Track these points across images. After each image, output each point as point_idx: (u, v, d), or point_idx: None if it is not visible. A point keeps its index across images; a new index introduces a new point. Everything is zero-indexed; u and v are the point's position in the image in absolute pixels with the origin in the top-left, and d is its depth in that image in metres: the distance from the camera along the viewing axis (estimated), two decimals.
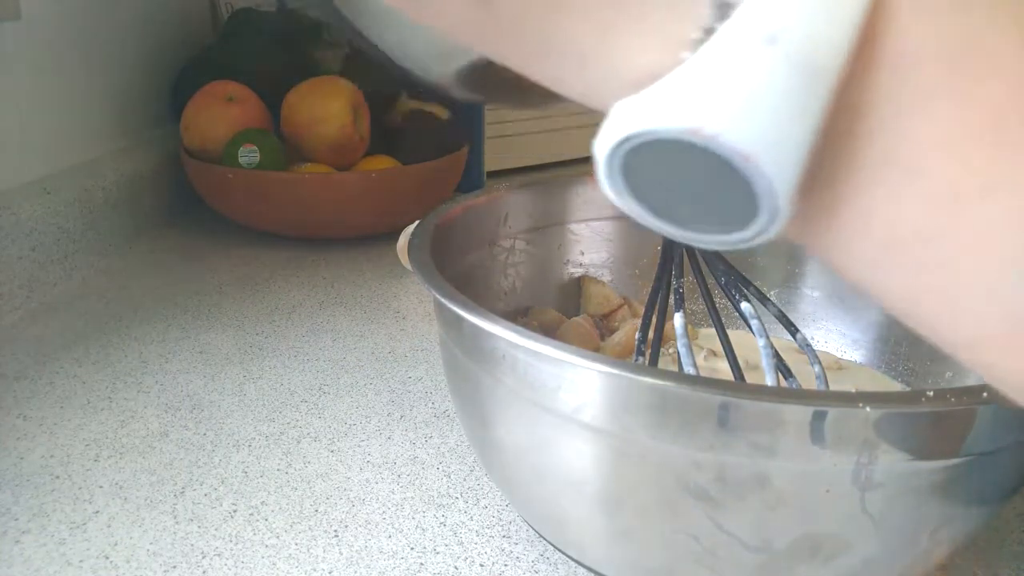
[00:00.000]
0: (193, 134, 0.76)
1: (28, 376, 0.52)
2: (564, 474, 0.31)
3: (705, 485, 0.27)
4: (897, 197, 0.13)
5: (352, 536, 0.38)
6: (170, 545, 0.37)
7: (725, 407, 0.26)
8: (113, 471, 0.42)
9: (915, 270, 0.14)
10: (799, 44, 0.13)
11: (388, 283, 0.68)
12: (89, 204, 0.70)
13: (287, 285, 0.68)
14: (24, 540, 0.37)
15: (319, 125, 0.75)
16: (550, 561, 0.36)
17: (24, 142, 0.66)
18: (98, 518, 0.39)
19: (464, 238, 0.42)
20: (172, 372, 0.53)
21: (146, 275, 0.70)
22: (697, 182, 0.14)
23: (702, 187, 0.14)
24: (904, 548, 0.30)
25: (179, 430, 0.46)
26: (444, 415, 0.48)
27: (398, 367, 0.54)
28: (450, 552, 0.37)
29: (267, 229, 0.78)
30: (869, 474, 0.26)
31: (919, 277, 0.14)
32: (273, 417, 0.48)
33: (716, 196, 0.14)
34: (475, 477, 0.42)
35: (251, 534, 0.38)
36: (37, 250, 0.63)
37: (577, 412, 0.29)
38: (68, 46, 0.71)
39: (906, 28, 0.13)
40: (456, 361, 0.35)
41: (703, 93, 0.13)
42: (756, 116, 0.13)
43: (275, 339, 0.58)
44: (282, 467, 0.43)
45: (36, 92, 0.67)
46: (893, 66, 0.13)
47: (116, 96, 0.80)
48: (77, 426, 0.46)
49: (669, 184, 0.14)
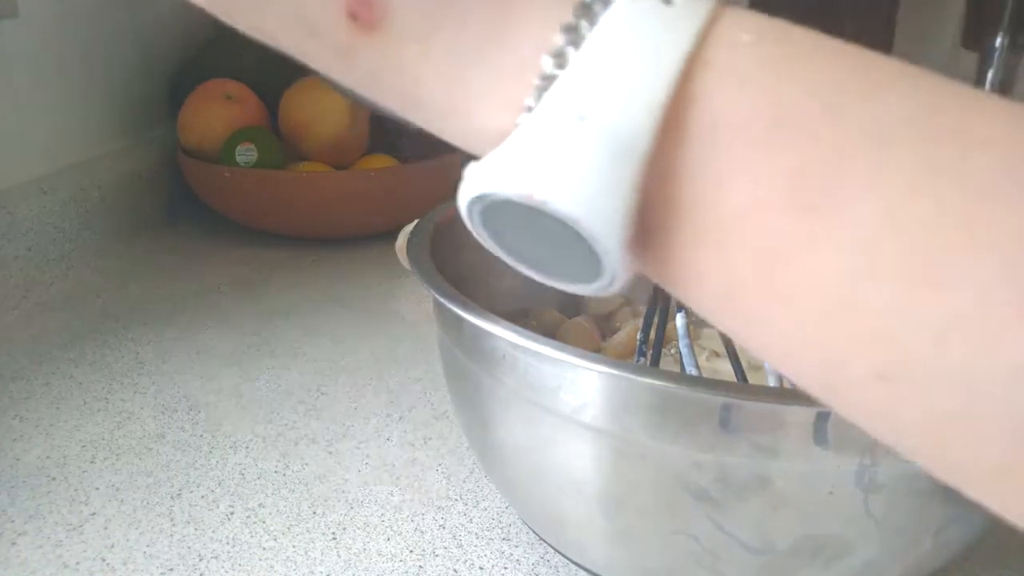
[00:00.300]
0: (191, 133, 0.76)
1: (24, 377, 0.52)
2: (564, 475, 0.31)
3: (706, 486, 0.27)
4: (720, 257, 0.15)
5: (350, 539, 0.37)
6: (167, 547, 0.37)
7: (727, 408, 0.26)
8: (110, 473, 0.42)
9: (747, 321, 0.15)
10: (607, 122, 0.14)
11: (387, 283, 0.68)
12: (86, 204, 0.69)
13: (285, 285, 0.68)
14: (20, 542, 0.37)
15: (317, 124, 0.75)
16: (550, 564, 0.36)
17: (21, 141, 0.66)
18: (95, 520, 0.38)
19: (464, 238, 0.42)
20: (169, 373, 0.52)
21: (143, 275, 0.69)
22: (552, 236, 0.15)
23: (557, 241, 0.15)
24: (907, 550, 0.29)
25: (176, 431, 0.46)
26: (443, 416, 0.48)
27: (397, 368, 0.54)
28: (449, 555, 0.36)
29: (265, 228, 0.77)
30: (872, 476, 0.26)
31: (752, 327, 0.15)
32: (271, 418, 0.47)
33: (569, 249, 0.15)
34: (475, 479, 0.42)
35: (248, 536, 0.37)
36: (33, 250, 0.63)
37: (578, 413, 0.28)
38: (66, 45, 0.71)
39: (715, 99, 0.14)
40: (456, 362, 0.34)
41: (531, 163, 0.14)
42: (576, 185, 0.14)
43: (273, 339, 0.58)
44: (280, 469, 0.43)
45: (33, 91, 0.67)
46: (704, 139, 0.14)
47: (113, 95, 0.79)
48: (73, 427, 0.46)
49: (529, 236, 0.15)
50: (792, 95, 0.14)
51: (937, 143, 0.13)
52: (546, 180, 0.14)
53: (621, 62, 0.14)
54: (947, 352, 0.13)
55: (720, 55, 0.14)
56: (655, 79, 0.14)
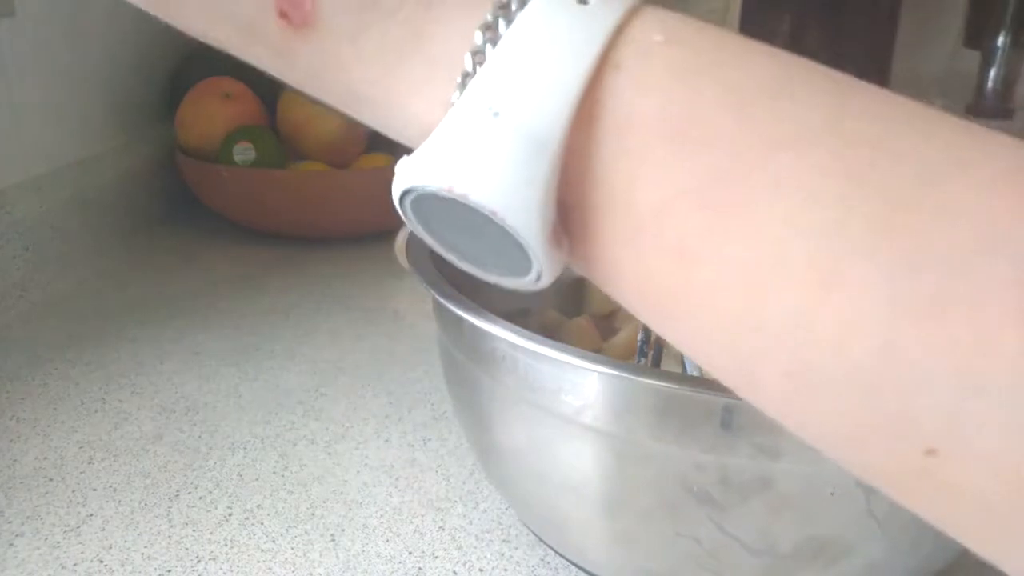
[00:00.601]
0: (189, 131, 0.76)
1: (21, 377, 0.51)
2: (565, 476, 0.30)
3: (708, 487, 0.27)
4: (635, 256, 0.15)
5: (349, 540, 0.37)
6: (165, 549, 0.36)
7: (729, 409, 0.26)
8: (107, 474, 0.42)
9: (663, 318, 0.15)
10: (520, 119, 0.14)
11: (386, 283, 0.68)
12: (84, 203, 0.69)
13: (283, 285, 0.67)
14: (18, 543, 0.36)
15: (316, 122, 0.74)
16: (551, 566, 0.36)
17: (18, 141, 0.66)
18: (92, 521, 0.38)
19: None
20: (167, 373, 0.52)
21: (141, 275, 0.69)
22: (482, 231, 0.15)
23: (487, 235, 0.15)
24: (909, 551, 0.29)
25: (174, 432, 0.46)
26: (443, 417, 0.48)
27: (396, 368, 0.54)
28: (449, 557, 0.36)
29: (263, 228, 0.77)
30: None
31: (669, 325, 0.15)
32: (269, 419, 0.47)
33: (500, 243, 0.15)
34: (474, 480, 0.42)
35: (246, 538, 0.37)
36: (31, 249, 0.62)
37: (578, 414, 0.28)
38: (63, 43, 0.71)
39: (627, 98, 0.14)
40: (455, 362, 0.34)
41: (450, 157, 0.15)
42: (493, 178, 0.14)
43: (271, 340, 0.57)
44: (278, 470, 0.42)
45: (30, 90, 0.67)
46: (614, 134, 0.14)
47: (111, 94, 0.79)
48: (71, 428, 0.46)
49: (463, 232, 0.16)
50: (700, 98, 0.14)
51: (847, 146, 0.13)
52: (464, 174, 0.14)
53: (533, 61, 0.14)
54: (850, 351, 0.13)
55: (630, 56, 0.14)
56: (566, 78, 0.14)
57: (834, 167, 0.13)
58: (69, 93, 0.72)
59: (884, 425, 0.13)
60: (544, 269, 0.15)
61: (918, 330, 0.12)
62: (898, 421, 0.13)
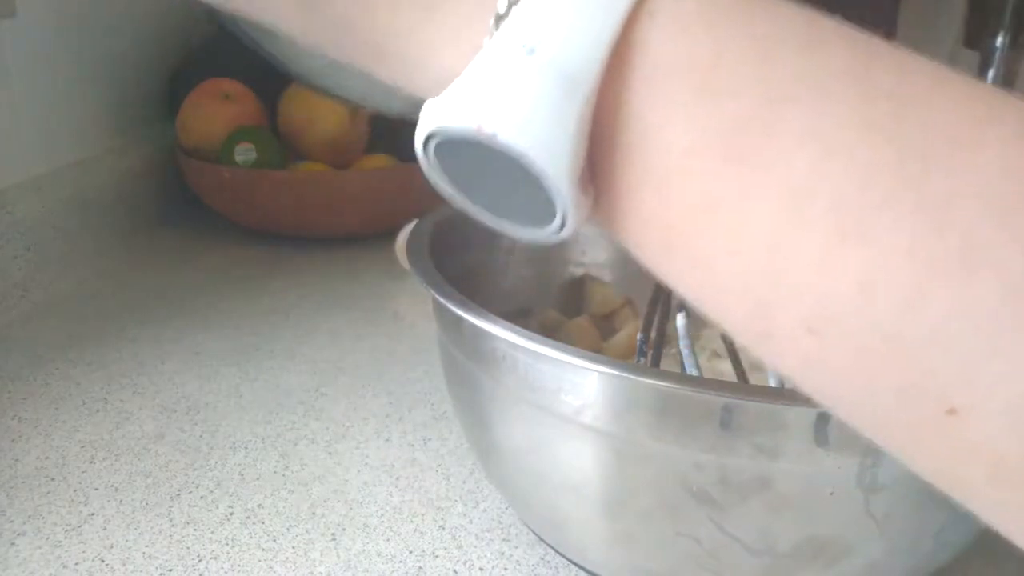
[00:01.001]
0: (189, 132, 0.76)
1: (23, 377, 0.51)
2: (565, 476, 0.31)
3: (707, 487, 0.27)
4: (661, 202, 0.15)
5: (350, 539, 0.37)
6: (166, 548, 0.36)
7: (728, 409, 0.26)
8: (108, 473, 0.42)
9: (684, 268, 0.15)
10: (555, 55, 0.14)
11: (386, 283, 0.68)
12: (84, 203, 0.69)
13: (284, 285, 0.67)
14: (19, 542, 0.37)
15: (317, 123, 0.74)
16: (551, 565, 0.36)
17: (19, 141, 0.66)
18: (94, 521, 0.38)
19: (464, 238, 0.42)
20: (168, 373, 0.52)
21: (142, 275, 0.69)
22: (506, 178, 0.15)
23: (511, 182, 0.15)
24: (908, 551, 0.29)
25: (175, 432, 0.46)
26: (443, 417, 0.48)
27: (396, 368, 0.54)
28: (449, 556, 0.36)
29: (264, 228, 0.77)
30: (873, 476, 0.26)
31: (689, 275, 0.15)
32: (270, 419, 0.47)
33: (522, 191, 0.15)
34: (474, 480, 0.42)
35: (247, 537, 0.37)
36: (32, 250, 0.62)
37: (578, 413, 0.28)
38: (64, 44, 0.71)
39: (659, 44, 0.14)
40: (455, 362, 0.34)
41: (479, 96, 0.14)
42: (523, 118, 0.14)
43: (272, 340, 0.57)
44: (279, 469, 0.43)
45: (31, 90, 0.67)
46: (646, 79, 0.14)
47: (112, 94, 0.79)
48: (72, 428, 0.46)
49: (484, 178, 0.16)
50: (731, 45, 0.14)
51: (872, 100, 0.13)
52: (495, 112, 0.14)
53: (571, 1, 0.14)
54: (871, 306, 0.13)
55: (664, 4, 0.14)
56: (603, 18, 0.14)
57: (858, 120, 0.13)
58: (69, 93, 0.72)
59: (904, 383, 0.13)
60: (569, 216, 0.15)
61: (942, 288, 0.12)
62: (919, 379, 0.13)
